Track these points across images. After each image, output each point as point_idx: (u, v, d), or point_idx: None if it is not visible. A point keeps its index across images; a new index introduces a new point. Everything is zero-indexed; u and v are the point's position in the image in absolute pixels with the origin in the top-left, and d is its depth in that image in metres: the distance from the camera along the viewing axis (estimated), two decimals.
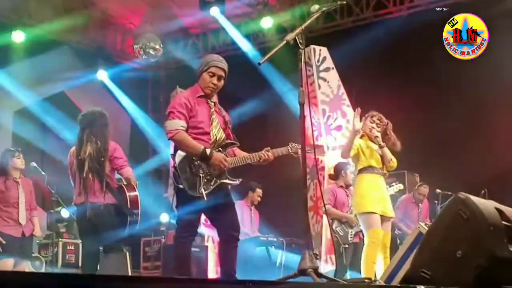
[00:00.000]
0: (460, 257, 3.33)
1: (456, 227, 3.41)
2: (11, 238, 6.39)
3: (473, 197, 3.47)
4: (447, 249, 3.39)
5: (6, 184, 6.45)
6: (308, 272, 3.41)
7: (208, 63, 4.61)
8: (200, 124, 4.53)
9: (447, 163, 8.66)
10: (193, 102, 4.54)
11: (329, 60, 9.45)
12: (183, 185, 4.38)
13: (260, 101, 9.73)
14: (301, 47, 3.74)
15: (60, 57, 10.38)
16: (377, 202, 5.78)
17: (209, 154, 4.42)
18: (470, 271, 3.29)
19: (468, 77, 8.77)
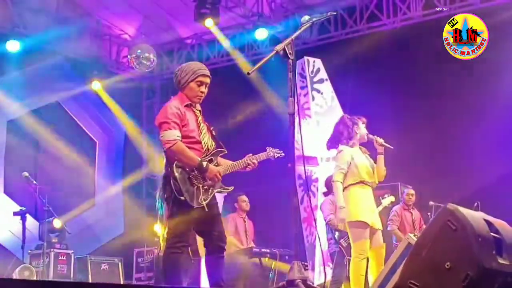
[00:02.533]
0: (449, 268, 3.32)
1: (444, 238, 3.40)
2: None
3: (462, 208, 3.46)
4: (436, 260, 3.37)
5: None
6: (297, 283, 3.40)
7: (195, 72, 4.59)
8: (192, 133, 4.51)
9: (440, 175, 8.68)
10: (182, 111, 4.52)
11: (323, 72, 9.48)
12: (184, 196, 4.34)
13: (253, 111, 9.75)
14: (291, 57, 3.73)
15: (54, 67, 10.37)
16: (366, 212, 5.75)
17: (205, 166, 4.42)
18: (458, 282, 3.27)
19: (460, 88, 8.82)
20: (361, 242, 5.62)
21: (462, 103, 8.92)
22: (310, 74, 9.40)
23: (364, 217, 5.69)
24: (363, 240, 5.63)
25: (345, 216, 5.77)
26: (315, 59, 9.52)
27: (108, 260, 9.32)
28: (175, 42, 11.40)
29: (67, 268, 8.74)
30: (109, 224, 11.06)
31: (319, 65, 9.49)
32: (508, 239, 3.61)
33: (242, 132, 9.99)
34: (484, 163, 8.50)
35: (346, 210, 5.80)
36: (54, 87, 10.41)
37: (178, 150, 4.40)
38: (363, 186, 5.82)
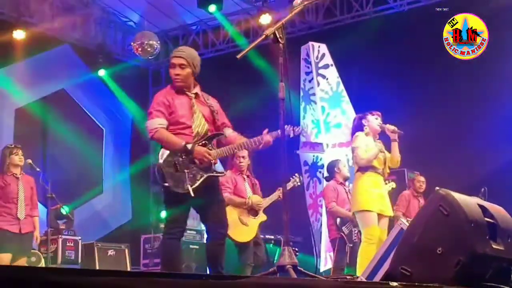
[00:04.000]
0: (441, 254, 3.30)
1: (436, 224, 3.38)
2: (8, 233, 6.43)
3: (454, 193, 3.43)
4: (428, 246, 3.35)
5: (5, 180, 6.50)
6: (287, 268, 3.39)
7: (171, 56, 4.63)
8: (182, 119, 4.47)
9: (447, 161, 8.60)
10: (170, 98, 4.49)
11: (328, 57, 9.42)
12: (168, 183, 4.33)
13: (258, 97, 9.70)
14: (281, 42, 3.68)
15: (60, 55, 10.42)
16: (375, 200, 5.79)
17: (190, 148, 4.35)
18: (450, 267, 3.25)
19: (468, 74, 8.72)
20: (370, 228, 5.68)
21: (471, 89, 8.82)
22: (315, 60, 9.35)
23: (371, 206, 5.73)
24: (372, 225, 5.68)
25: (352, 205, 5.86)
26: (320, 44, 9.46)
27: (115, 246, 9.36)
28: (180, 28, 11.38)
29: (75, 254, 8.79)
30: (116, 211, 11.11)
31: (324, 51, 9.43)
32: (503, 224, 3.57)
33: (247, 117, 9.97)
34: (492, 149, 8.41)
35: (355, 200, 5.89)
36: (60, 75, 10.46)
37: (159, 137, 4.42)
38: (372, 173, 5.84)
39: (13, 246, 6.49)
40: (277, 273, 3.46)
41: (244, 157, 6.79)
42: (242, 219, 6.66)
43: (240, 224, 6.65)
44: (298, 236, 8.01)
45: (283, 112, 3.66)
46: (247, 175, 6.86)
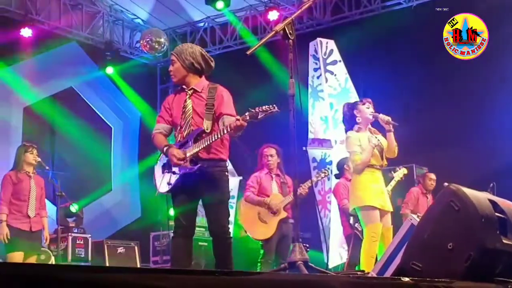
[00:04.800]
0: (451, 249, 3.29)
1: (447, 219, 3.37)
2: (19, 232, 6.47)
3: (465, 188, 3.41)
4: (438, 241, 3.34)
5: (18, 177, 6.56)
6: (298, 264, 3.38)
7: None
8: (176, 120, 4.53)
9: (455, 156, 8.56)
10: (172, 100, 4.59)
11: (336, 53, 9.39)
12: (156, 184, 4.50)
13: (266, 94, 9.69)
14: (291, 38, 3.67)
15: (68, 53, 10.44)
16: (376, 196, 5.70)
17: (165, 151, 4.43)
18: (461, 262, 3.24)
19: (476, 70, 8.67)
20: (373, 225, 5.60)
21: (480, 84, 8.78)
22: (323, 56, 9.32)
23: (373, 201, 5.66)
24: (375, 223, 5.61)
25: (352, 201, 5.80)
26: (328, 40, 9.43)
27: (124, 244, 9.39)
28: (188, 25, 11.38)
29: (85, 252, 8.82)
30: (125, 208, 11.14)
31: (332, 47, 9.41)
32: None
33: None
34: (500, 144, 8.38)
35: (354, 196, 5.79)
36: (68, 73, 10.49)
37: (153, 142, 4.58)
38: (371, 170, 5.77)
39: (25, 244, 6.53)
40: (288, 269, 3.45)
41: (272, 155, 6.81)
42: (261, 217, 6.69)
43: (259, 221, 6.67)
44: (307, 232, 8.02)
45: (293, 108, 3.65)
46: (277, 174, 6.86)
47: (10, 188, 6.49)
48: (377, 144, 5.77)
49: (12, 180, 6.52)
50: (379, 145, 5.78)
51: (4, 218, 6.41)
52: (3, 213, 6.42)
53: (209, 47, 11.26)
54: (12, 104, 9.87)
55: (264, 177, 6.84)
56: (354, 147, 5.76)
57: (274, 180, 6.85)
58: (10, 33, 9.29)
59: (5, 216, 6.42)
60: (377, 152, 5.77)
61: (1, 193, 6.52)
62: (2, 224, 6.39)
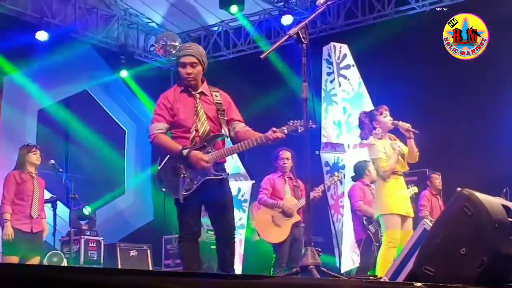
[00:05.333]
0: (464, 254, 3.27)
1: (460, 224, 3.35)
2: (19, 233, 6.44)
3: (478, 193, 3.40)
4: (451, 246, 3.33)
5: (22, 177, 6.55)
6: (310, 268, 3.38)
7: (178, 56, 4.50)
8: (183, 122, 4.43)
9: (468, 161, 8.51)
10: (172, 100, 4.45)
11: (350, 57, 9.38)
12: (165, 188, 4.35)
13: (279, 97, 9.71)
14: (304, 42, 3.68)
15: (83, 56, 10.50)
16: (401, 203, 5.75)
17: (186, 154, 4.30)
18: (474, 268, 3.22)
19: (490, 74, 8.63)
20: (393, 231, 5.64)
21: (495, 87, 8.73)
22: (336, 60, 9.31)
23: (397, 209, 5.71)
24: (396, 229, 5.65)
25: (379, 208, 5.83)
26: (341, 45, 9.42)
27: (137, 247, 9.42)
28: (202, 29, 11.42)
29: (97, 254, 8.85)
30: (138, 211, 11.17)
31: (345, 51, 9.39)
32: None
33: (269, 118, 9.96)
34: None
35: (381, 203, 5.83)
36: (82, 76, 10.57)
37: (158, 143, 4.42)
38: (395, 176, 5.81)
39: (23, 246, 6.47)
40: (300, 273, 3.45)
41: (288, 158, 6.85)
42: (275, 220, 6.69)
43: (273, 225, 6.68)
44: (319, 236, 8.01)
45: (306, 112, 3.65)
46: (289, 177, 6.88)
47: (14, 188, 6.47)
48: (399, 150, 5.81)
49: (16, 180, 6.50)
50: (402, 154, 5.82)
51: (8, 217, 6.38)
52: (7, 213, 6.39)
53: (223, 51, 11.29)
54: (27, 107, 9.95)
55: (278, 180, 6.86)
56: (379, 154, 5.78)
57: (287, 183, 6.88)
58: (25, 36, 9.35)
59: (9, 215, 6.39)
60: (400, 158, 5.82)
61: (5, 192, 6.50)
62: (7, 224, 6.36)
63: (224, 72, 10.88)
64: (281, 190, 6.81)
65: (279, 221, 6.69)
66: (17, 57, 9.39)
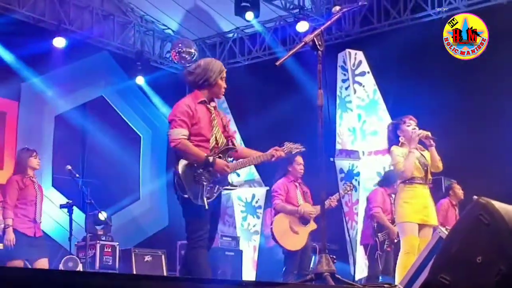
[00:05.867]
0: (480, 263, 3.25)
1: (476, 232, 3.33)
2: (24, 237, 6.38)
3: (495, 202, 3.38)
4: (467, 255, 3.30)
5: (24, 182, 6.48)
6: (324, 276, 3.38)
7: (221, 69, 4.66)
8: (202, 131, 4.54)
9: (485, 168, 8.46)
10: (194, 108, 4.53)
11: (365, 64, 9.38)
12: (188, 194, 4.37)
13: (293, 104, 9.72)
14: (320, 49, 3.70)
15: (99, 62, 10.59)
16: (417, 211, 5.75)
17: (211, 161, 4.41)
18: (490, 277, 3.20)
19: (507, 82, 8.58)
20: (410, 237, 5.66)
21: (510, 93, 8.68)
22: (351, 67, 9.33)
23: (411, 217, 5.72)
24: (412, 235, 5.66)
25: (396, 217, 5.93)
26: (356, 52, 9.43)
27: (151, 252, 9.45)
28: (217, 36, 11.47)
29: (113, 260, 8.89)
30: (153, 217, 11.21)
31: (361, 58, 9.41)
32: None
33: (283, 124, 10.00)
34: None
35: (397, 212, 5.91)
36: (99, 82, 10.65)
37: (182, 148, 4.44)
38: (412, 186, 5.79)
39: (28, 250, 6.43)
40: (314, 280, 3.45)
41: (303, 164, 6.86)
42: (293, 227, 6.69)
43: (291, 232, 6.68)
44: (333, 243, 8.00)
45: (321, 119, 3.67)
46: (299, 183, 6.90)
47: (16, 192, 6.39)
48: (419, 157, 5.82)
49: (19, 185, 6.43)
50: (424, 162, 5.82)
51: (10, 223, 6.30)
52: (9, 218, 6.31)
53: (238, 58, 11.33)
54: (44, 113, 10.04)
55: (290, 185, 6.88)
56: (397, 158, 5.81)
57: (298, 188, 6.88)
58: (43, 42, 9.45)
59: (11, 221, 6.31)
60: (419, 164, 5.81)
61: (7, 197, 6.41)
62: (9, 229, 6.28)
63: (239, 78, 10.91)
64: (294, 196, 6.83)
65: (297, 228, 6.69)
66: (34, 63, 9.49)
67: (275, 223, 6.89)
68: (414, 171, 5.81)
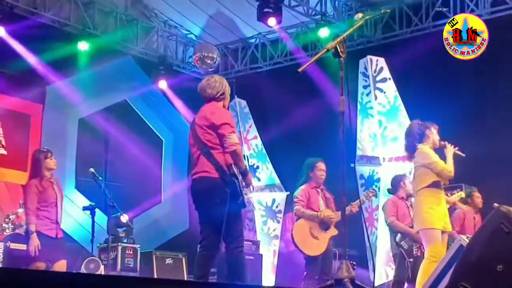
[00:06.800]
0: (501, 271, 3.26)
1: (497, 241, 3.34)
2: (47, 239, 6.34)
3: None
4: (488, 263, 3.32)
5: (42, 185, 6.42)
6: (344, 282, 3.42)
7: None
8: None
9: (506, 176, 8.42)
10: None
11: (386, 71, 9.39)
12: (242, 197, 4.60)
13: (315, 109, 9.74)
14: (342, 56, 3.74)
15: (122, 66, 10.71)
16: (440, 218, 5.74)
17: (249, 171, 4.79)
18: (511, 285, 3.22)
19: None
20: (435, 245, 5.62)
21: None
22: (373, 73, 9.33)
23: (436, 224, 5.69)
24: (437, 243, 5.63)
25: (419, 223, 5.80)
26: (378, 58, 9.44)
27: (172, 255, 9.53)
28: (239, 41, 11.55)
29: (134, 262, 8.97)
30: (174, 220, 11.30)
31: (382, 64, 9.41)
32: None
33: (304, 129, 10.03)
34: None
35: (420, 218, 5.80)
36: (122, 86, 10.76)
37: (239, 153, 4.68)
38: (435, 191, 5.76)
39: (50, 252, 6.40)
40: (334, 286, 3.49)
41: (325, 170, 6.90)
42: (313, 232, 6.72)
43: (311, 237, 6.71)
44: (353, 249, 8.01)
45: (343, 125, 3.71)
46: (321, 189, 6.93)
47: (36, 197, 6.33)
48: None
49: (38, 189, 6.36)
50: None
51: (33, 229, 6.24)
52: (32, 224, 6.26)
53: (260, 63, 11.40)
54: (68, 116, 10.18)
55: (312, 191, 6.90)
56: (435, 158, 5.75)
57: (320, 194, 6.91)
58: (68, 46, 9.60)
59: (34, 226, 6.26)
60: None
61: (28, 202, 6.35)
62: (33, 235, 6.23)
63: (261, 84, 10.98)
64: (315, 202, 6.85)
65: (317, 233, 6.71)
66: (59, 66, 9.63)
67: (295, 228, 6.93)
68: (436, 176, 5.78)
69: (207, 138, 4.68)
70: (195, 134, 4.77)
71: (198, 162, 4.70)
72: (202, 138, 4.68)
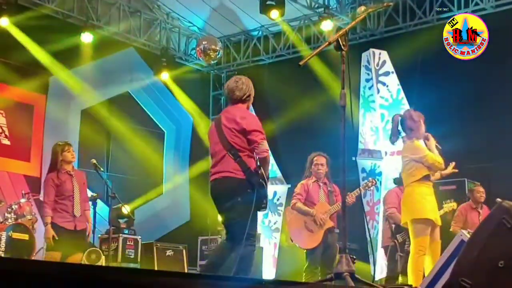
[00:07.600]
0: (502, 267, 3.26)
1: (499, 236, 3.34)
2: (62, 230, 6.39)
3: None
4: (489, 258, 3.32)
5: (60, 178, 6.47)
6: (344, 275, 3.42)
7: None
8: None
9: (509, 170, 8.42)
10: None
11: (389, 64, 9.37)
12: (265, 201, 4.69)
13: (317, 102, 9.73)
14: (344, 49, 3.72)
15: (125, 58, 10.72)
16: (433, 209, 5.69)
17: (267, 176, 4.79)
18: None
19: None
20: (422, 238, 5.55)
21: None
22: (375, 67, 9.32)
23: (430, 214, 5.63)
24: (425, 236, 5.56)
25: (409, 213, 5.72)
26: (381, 51, 9.42)
27: (173, 247, 9.56)
28: (242, 34, 11.53)
29: (135, 253, 9.00)
30: (175, 212, 11.32)
31: (385, 58, 9.39)
32: None
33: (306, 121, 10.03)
34: None
35: (412, 208, 5.71)
36: (125, 78, 10.77)
37: (269, 160, 4.79)
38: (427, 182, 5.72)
39: (66, 243, 6.42)
40: (334, 280, 3.50)
41: (323, 164, 6.88)
42: (307, 225, 6.73)
43: (305, 230, 6.71)
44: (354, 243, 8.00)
45: (344, 119, 3.70)
46: (324, 183, 6.92)
47: (53, 190, 6.41)
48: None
49: (55, 182, 6.43)
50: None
51: (49, 220, 6.34)
52: (48, 216, 6.35)
53: (262, 56, 11.38)
54: (71, 106, 10.18)
55: (312, 185, 6.89)
56: (426, 151, 5.69)
57: (322, 188, 6.90)
58: (71, 37, 9.60)
59: (50, 218, 6.34)
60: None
61: (45, 196, 6.48)
62: (48, 226, 6.33)
63: (263, 76, 10.97)
64: (315, 196, 6.83)
65: (312, 227, 6.71)
66: (62, 57, 9.63)
67: (290, 222, 6.95)
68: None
69: (235, 141, 4.68)
70: (221, 134, 4.73)
71: (222, 162, 4.68)
72: (230, 140, 4.68)
